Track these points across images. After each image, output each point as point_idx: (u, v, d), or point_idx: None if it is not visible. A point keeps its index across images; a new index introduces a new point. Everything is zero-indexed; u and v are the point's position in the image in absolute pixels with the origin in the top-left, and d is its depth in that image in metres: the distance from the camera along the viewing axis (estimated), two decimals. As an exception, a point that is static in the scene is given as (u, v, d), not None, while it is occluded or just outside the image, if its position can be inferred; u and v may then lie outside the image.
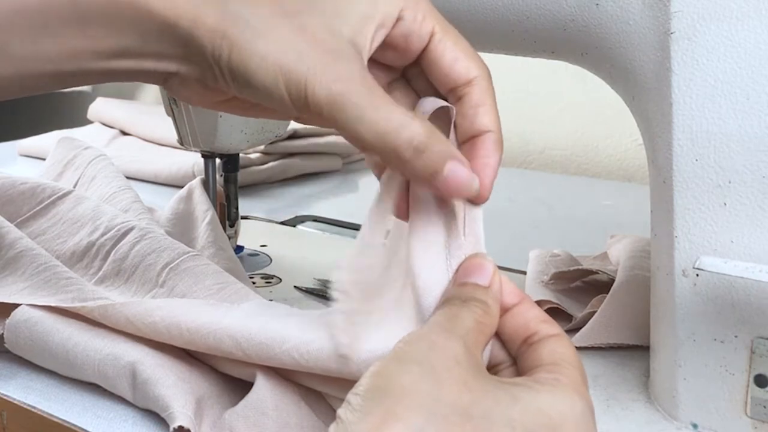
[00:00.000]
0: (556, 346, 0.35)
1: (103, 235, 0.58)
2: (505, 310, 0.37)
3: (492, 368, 0.37)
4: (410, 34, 0.39)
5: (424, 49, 0.39)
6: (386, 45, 0.39)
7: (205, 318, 0.43)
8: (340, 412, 0.30)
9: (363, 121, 0.35)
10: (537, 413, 0.31)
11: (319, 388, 0.42)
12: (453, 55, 0.39)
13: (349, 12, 0.37)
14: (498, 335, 0.37)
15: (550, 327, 0.36)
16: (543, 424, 0.31)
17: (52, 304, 0.50)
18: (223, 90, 0.38)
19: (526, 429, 0.30)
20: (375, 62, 0.40)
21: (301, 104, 0.36)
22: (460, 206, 0.39)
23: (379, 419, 0.29)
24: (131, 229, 0.58)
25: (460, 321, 0.34)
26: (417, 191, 0.39)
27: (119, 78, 0.39)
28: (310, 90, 0.35)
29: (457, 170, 0.36)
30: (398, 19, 0.38)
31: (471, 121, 0.39)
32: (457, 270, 0.38)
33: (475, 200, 0.38)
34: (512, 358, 0.37)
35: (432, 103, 0.40)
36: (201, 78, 0.38)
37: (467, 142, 0.39)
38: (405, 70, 0.42)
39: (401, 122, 0.35)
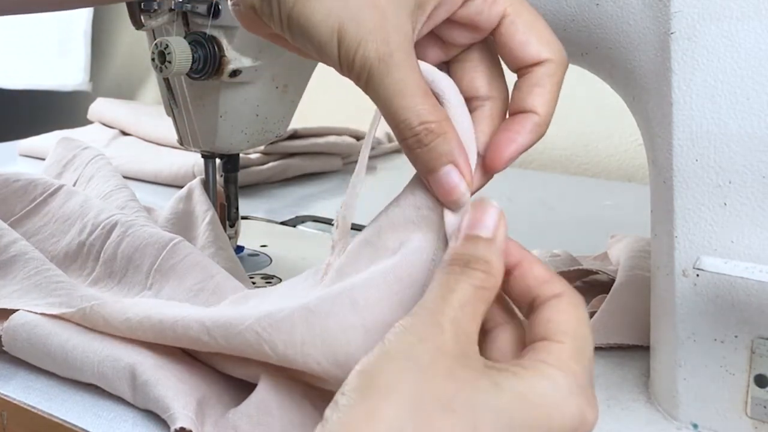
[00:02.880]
0: (552, 313, 0.34)
1: (90, 234, 0.59)
2: (506, 274, 0.35)
3: (488, 323, 0.36)
4: (479, 14, 0.38)
5: (495, 30, 0.38)
6: (451, 23, 0.39)
7: (175, 311, 0.45)
8: (327, 412, 0.30)
9: (394, 97, 0.36)
10: (519, 399, 0.30)
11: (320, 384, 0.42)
12: (524, 39, 0.38)
13: None
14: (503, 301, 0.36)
15: (550, 287, 0.35)
16: (526, 409, 0.30)
17: (38, 311, 0.50)
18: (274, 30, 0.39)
19: (511, 416, 0.30)
20: (436, 38, 0.40)
21: (348, 64, 0.37)
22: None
23: (361, 417, 0.29)
24: (115, 225, 0.59)
25: (456, 294, 0.33)
26: None
27: None
28: (360, 54, 0.36)
29: (451, 175, 0.37)
30: (466, 0, 0.38)
31: (523, 97, 0.38)
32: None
33: (485, 168, 0.38)
34: (509, 316, 0.36)
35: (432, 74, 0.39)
36: (259, 9, 0.38)
37: (511, 116, 0.39)
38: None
39: (421, 113, 0.36)
